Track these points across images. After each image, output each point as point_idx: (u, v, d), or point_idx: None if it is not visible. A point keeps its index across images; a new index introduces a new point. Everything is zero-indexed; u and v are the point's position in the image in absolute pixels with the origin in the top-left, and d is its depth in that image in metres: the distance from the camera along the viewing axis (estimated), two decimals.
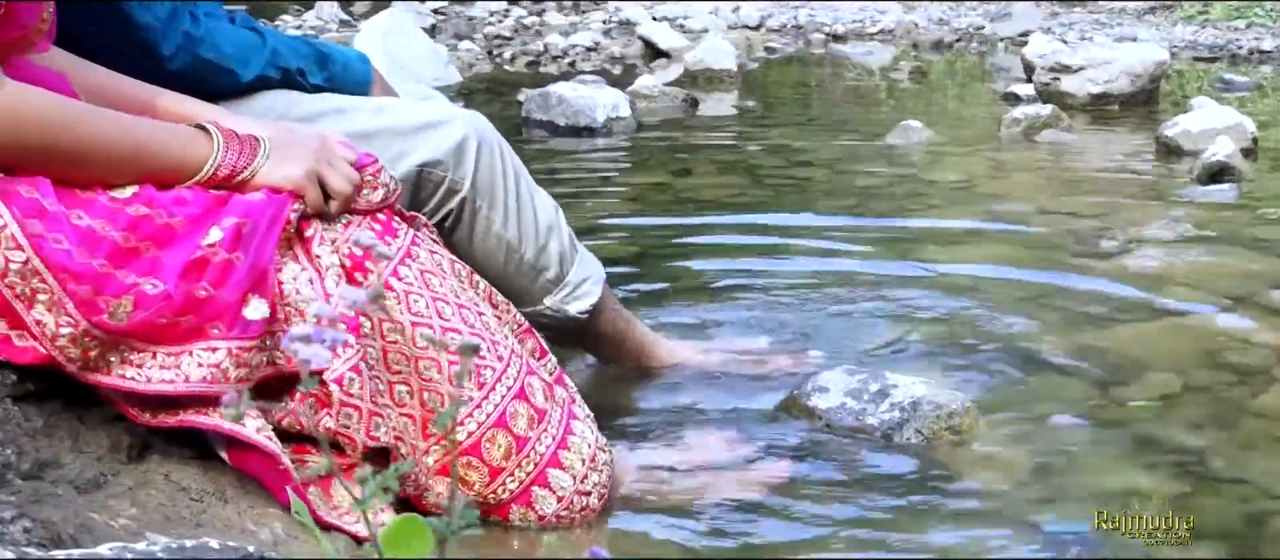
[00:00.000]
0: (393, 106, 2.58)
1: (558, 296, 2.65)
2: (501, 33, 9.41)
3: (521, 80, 7.47)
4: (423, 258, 2.06)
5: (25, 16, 1.85)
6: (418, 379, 1.99)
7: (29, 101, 1.79)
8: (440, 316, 2.01)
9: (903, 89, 7.07)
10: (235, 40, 2.48)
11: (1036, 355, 2.93)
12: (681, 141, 5.60)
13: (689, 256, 3.87)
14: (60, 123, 1.82)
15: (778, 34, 9.22)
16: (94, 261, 1.77)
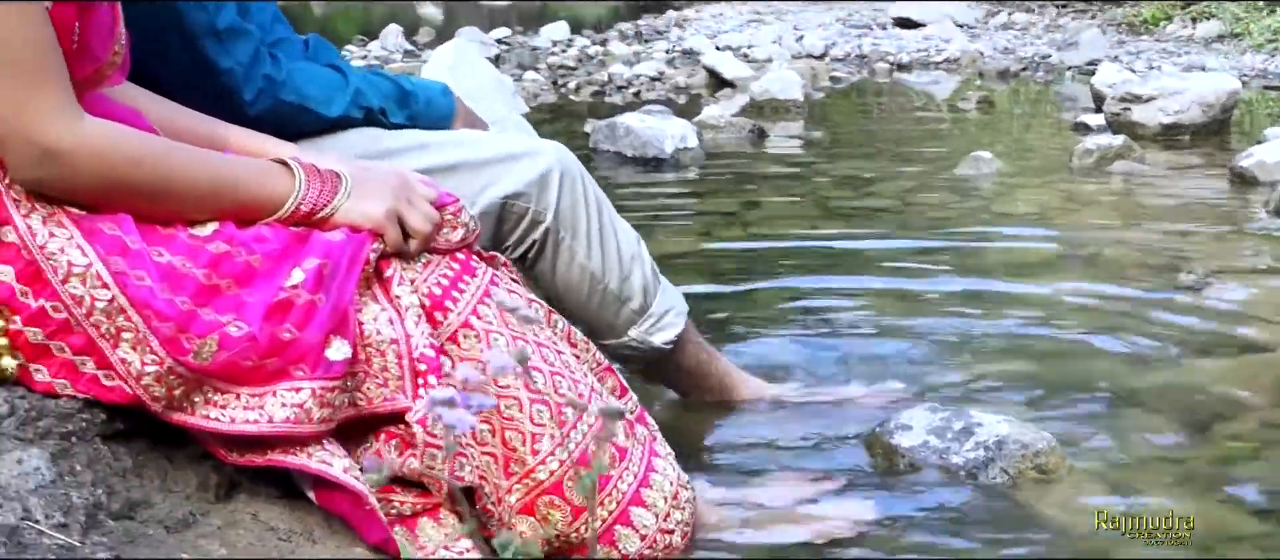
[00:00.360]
0: (474, 139, 2.58)
1: (642, 327, 2.64)
2: (565, 63, 9.42)
3: (587, 110, 7.48)
4: (502, 297, 2.05)
5: (98, 50, 1.85)
6: (499, 417, 1.97)
7: (112, 138, 1.80)
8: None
9: (970, 119, 7.02)
10: (317, 80, 2.48)
11: (1120, 391, 2.89)
12: (750, 172, 5.58)
13: (762, 289, 3.85)
14: (142, 159, 1.82)
15: (842, 63, 9.19)
16: (177, 299, 1.77)
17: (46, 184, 1.76)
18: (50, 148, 1.73)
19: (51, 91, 1.73)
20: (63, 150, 1.74)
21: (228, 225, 1.87)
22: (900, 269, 4.02)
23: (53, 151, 1.73)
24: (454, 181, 2.44)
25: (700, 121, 6.32)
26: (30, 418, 1.77)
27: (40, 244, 1.75)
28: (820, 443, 2.65)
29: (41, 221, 1.76)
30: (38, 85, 1.71)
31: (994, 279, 3.85)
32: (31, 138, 1.72)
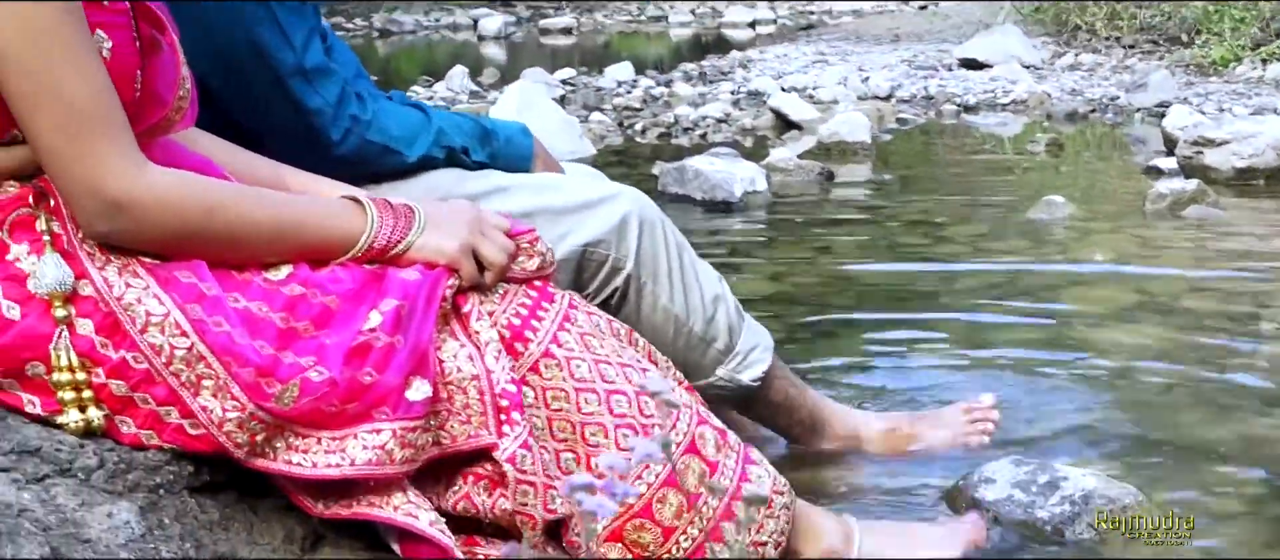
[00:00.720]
0: (554, 184, 2.59)
1: (729, 366, 2.63)
2: (631, 104, 9.43)
3: (654, 152, 7.47)
4: (581, 320, 2.04)
5: (164, 94, 1.86)
6: (584, 446, 1.97)
7: (179, 186, 1.80)
8: (603, 378, 1.99)
9: (1039, 161, 6.98)
10: (401, 120, 2.50)
11: (1206, 446, 2.84)
12: (820, 216, 5.55)
13: (837, 336, 3.83)
14: (212, 205, 1.83)
15: (908, 104, 9.15)
16: (256, 344, 1.78)
17: (116, 236, 1.78)
18: (116, 200, 1.74)
19: (114, 143, 1.74)
20: (129, 202, 1.74)
21: (302, 267, 1.88)
22: (976, 316, 3.99)
23: (119, 204, 1.74)
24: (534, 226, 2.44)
25: (768, 164, 6.30)
26: (119, 470, 1.78)
27: (117, 295, 1.76)
28: (901, 494, 2.63)
29: (117, 273, 1.78)
30: (100, 138, 1.72)
31: (1072, 326, 3.81)
32: (97, 191, 1.73)
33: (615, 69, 11.09)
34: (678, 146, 7.71)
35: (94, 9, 1.75)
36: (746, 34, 17.67)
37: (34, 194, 1.78)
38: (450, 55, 15.75)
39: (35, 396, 1.77)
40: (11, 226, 1.77)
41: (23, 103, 1.70)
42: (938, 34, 13.11)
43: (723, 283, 2.65)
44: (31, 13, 1.66)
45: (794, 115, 8.16)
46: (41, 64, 1.68)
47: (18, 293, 1.75)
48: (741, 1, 21.87)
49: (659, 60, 14.23)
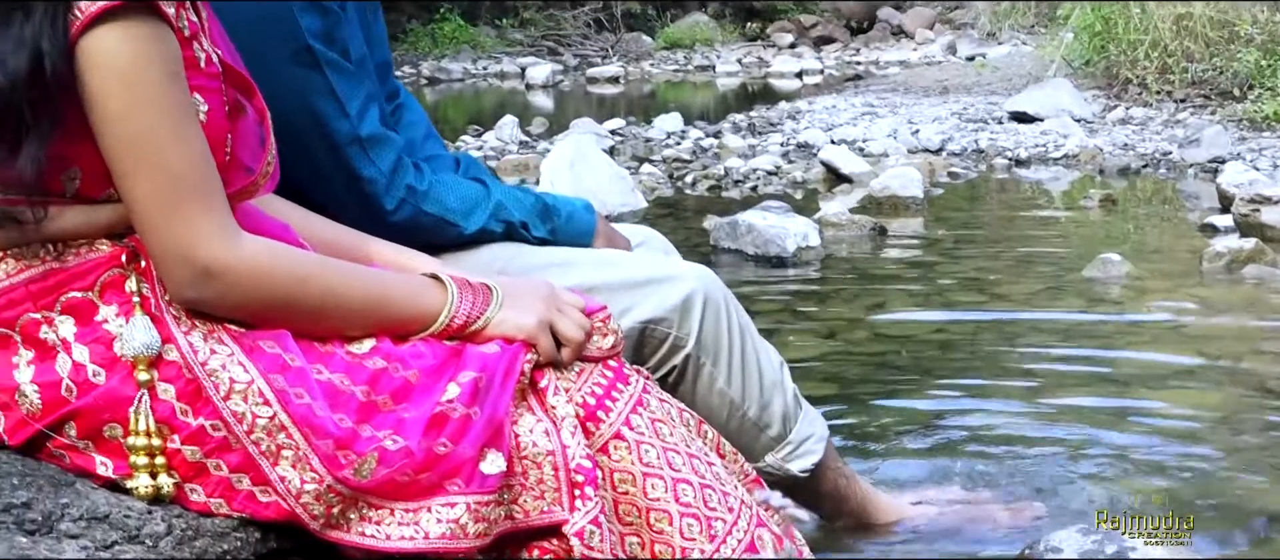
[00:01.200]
0: (617, 260, 2.57)
1: (780, 454, 2.60)
2: (680, 155, 9.44)
3: (705, 205, 7.48)
4: (654, 406, 2.03)
5: (250, 161, 1.87)
6: (649, 531, 1.95)
7: (271, 256, 1.81)
8: (671, 466, 1.97)
9: (1093, 217, 6.93)
10: (459, 192, 2.48)
11: (1272, 515, 2.80)
12: (873, 272, 5.54)
13: (893, 396, 3.81)
14: (303, 277, 1.83)
15: (959, 158, 9.11)
16: (336, 416, 1.78)
17: (205, 303, 1.78)
18: (208, 268, 1.74)
19: (210, 210, 1.75)
20: (221, 270, 1.75)
21: (385, 341, 1.88)
22: (1033, 378, 3.96)
23: (212, 271, 1.75)
24: None
25: (820, 218, 6.29)
26: (186, 537, 1.77)
27: (201, 361, 1.76)
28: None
29: (202, 338, 1.78)
30: (196, 205, 1.73)
31: (1132, 390, 3.78)
32: (190, 258, 1.74)
33: (664, 119, 11.11)
34: (728, 199, 7.72)
35: (193, 72, 1.76)
36: (793, 84, 17.68)
37: (127, 254, 1.78)
38: (498, 103, 15.83)
39: (109, 459, 1.77)
40: (103, 287, 1.77)
41: (122, 166, 1.71)
42: (987, 86, 13.06)
43: (784, 369, 2.62)
44: (138, 77, 1.68)
45: (845, 168, 8.15)
46: (145, 129, 1.70)
47: (103, 356, 1.75)
48: (788, 52, 21.92)
49: (706, 110, 14.25)
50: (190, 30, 1.78)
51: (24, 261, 1.77)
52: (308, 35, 2.30)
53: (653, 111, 13.30)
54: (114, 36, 1.67)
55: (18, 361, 1.76)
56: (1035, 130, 9.80)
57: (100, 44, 1.67)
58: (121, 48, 1.67)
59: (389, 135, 2.42)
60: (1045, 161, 8.91)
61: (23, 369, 1.76)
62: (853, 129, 10.34)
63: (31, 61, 1.64)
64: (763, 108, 12.87)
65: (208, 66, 1.80)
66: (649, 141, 10.43)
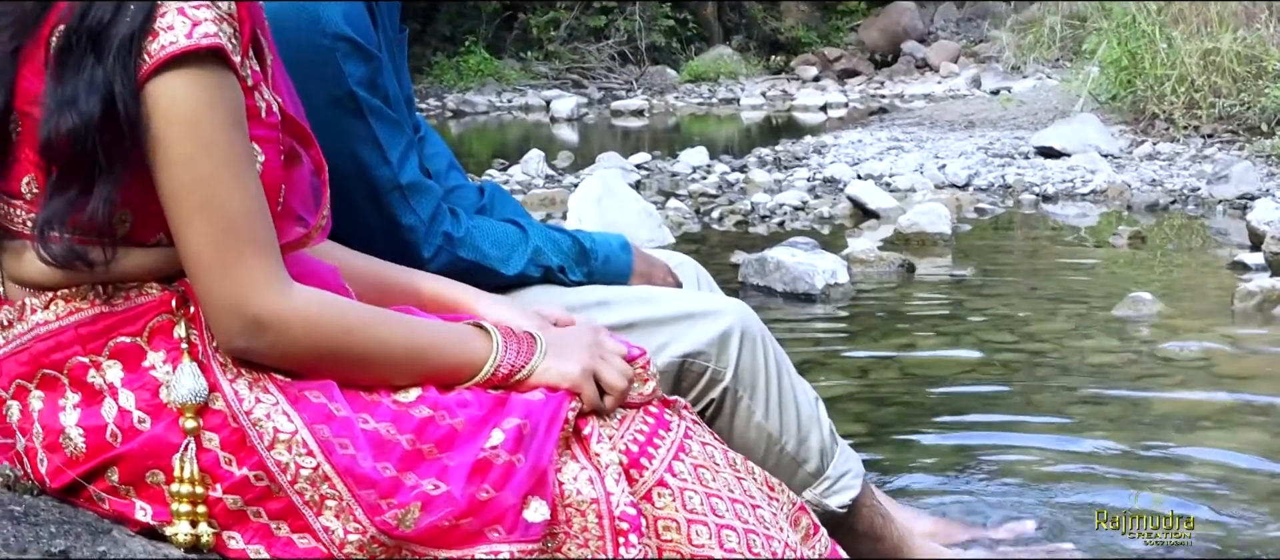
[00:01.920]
0: (654, 296, 2.57)
1: (817, 490, 2.60)
2: (706, 190, 9.44)
3: (732, 240, 7.48)
4: (696, 451, 2.02)
5: (304, 214, 1.88)
6: None
7: (322, 308, 1.82)
8: (714, 512, 1.96)
9: (1122, 255, 6.91)
10: (495, 237, 2.49)
11: None
12: (902, 310, 5.53)
13: (924, 436, 3.80)
14: (352, 327, 1.84)
15: (985, 193, 9.09)
16: (379, 466, 1.78)
17: (254, 353, 1.78)
18: (258, 318, 1.75)
19: (264, 260, 1.75)
20: (272, 320, 1.75)
21: (430, 390, 1.88)
22: (1065, 417, 3.95)
23: (263, 322, 1.75)
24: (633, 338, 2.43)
25: (848, 255, 6.29)
26: None
27: (247, 409, 1.76)
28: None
29: (248, 387, 1.78)
30: (251, 253, 1.74)
31: (1163, 431, 3.77)
32: (242, 308, 1.74)
33: (690, 154, 11.12)
34: (755, 235, 7.72)
35: (254, 123, 1.77)
36: (817, 118, 17.68)
37: (176, 300, 1.79)
38: (523, 136, 15.87)
39: (149, 505, 1.77)
40: (151, 333, 1.78)
41: (181, 211, 1.71)
42: (1012, 121, 13.04)
43: (820, 404, 2.63)
44: (203, 124, 1.69)
45: (872, 204, 8.14)
46: (206, 175, 1.70)
47: (149, 402, 1.75)
48: (812, 85, 21.93)
49: (731, 143, 14.26)
50: (253, 79, 1.80)
51: (73, 304, 1.78)
52: (351, 81, 2.31)
53: (677, 145, 13.31)
54: (181, 82, 1.68)
55: (63, 404, 1.77)
56: (1062, 165, 9.78)
57: (167, 89, 1.68)
58: (188, 94, 1.68)
59: (429, 184, 2.43)
60: (1073, 197, 8.89)
61: (68, 412, 1.77)
62: (879, 164, 10.33)
63: (104, 103, 1.65)
64: (788, 141, 12.87)
65: (268, 116, 1.82)
66: (675, 176, 10.44)
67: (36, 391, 1.79)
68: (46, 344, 1.78)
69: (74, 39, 1.66)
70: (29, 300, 1.79)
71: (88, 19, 1.67)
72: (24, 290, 1.81)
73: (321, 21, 2.29)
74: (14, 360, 1.80)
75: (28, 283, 1.80)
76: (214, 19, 1.70)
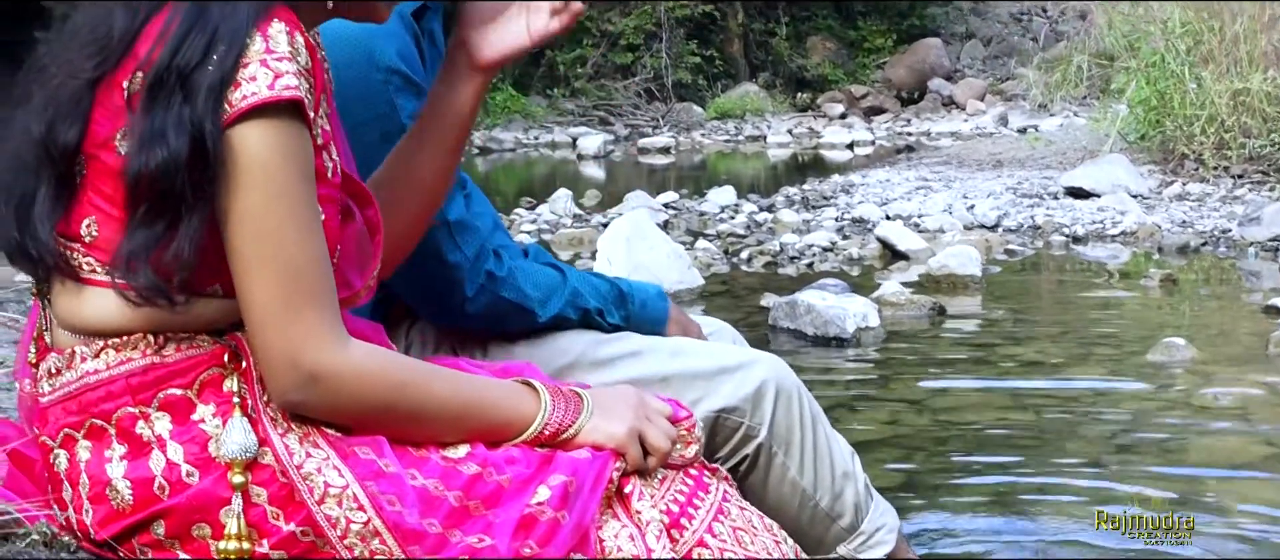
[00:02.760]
0: (690, 349, 2.57)
1: (851, 545, 2.58)
2: (735, 230, 9.45)
3: (761, 282, 7.47)
4: (734, 514, 2.02)
5: (352, 277, 1.89)
6: None
7: (376, 362, 1.82)
8: None
9: (1154, 298, 6.87)
10: (536, 279, 2.49)
11: None
12: (933, 355, 5.51)
13: (959, 486, 3.79)
14: (405, 383, 1.84)
15: (1015, 234, 9.07)
16: (427, 522, 1.78)
17: (307, 407, 1.78)
18: (314, 371, 1.75)
19: (322, 314, 1.75)
20: (327, 374, 1.75)
21: (479, 446, 1.88)
22: (1100, 466, 3.93)
23: (317, 376, 1.75)
24: (668, 392, 2.42)
25: (879, 297, 6.28)
26: None
27: (297, 464, 1.76)
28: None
29: (298, 441, 1.78)
30: (312, 307, 1.74)
31: (1201, 482, 3.74)
32: (298, 360, 1.74)
33: (718, 193, 11.13)
34: (784, 276, 7.71)
35: (320, 182, 1.78)
36: (845, 155, 17.70)
37: (227, 353, 1.79)
38: (549, 173, 15.91)
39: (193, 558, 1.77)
40: (201, 386, 1.77)
41: (246, 260, 1.71)
42: (1041, 160, 13.02)
43: (855, 459, 2.61)
44: (278, 174, 1.69)
45: (901, 245, 8.13)
46: (276, 225, 1.70)
47: (198, 456, 1.75)
48: (839, 122, 21.95)
49: (757, 181, 14.28)
50: (323, 139, 1.80)
51: (124, 354, 1.77)
52: (403, 115, 2.31)
53: (704, 182, 13.33)
54: (259, 133, 1.68)
55: (110, 456, 1.77)
56: (1092, 206, 9.76)
57: (245, 138, 1.68)
58: (265, 144, 1.68)
59: (475, 222, 2.43)
60: (1103, 238, 8.87)
61: (115, 463, 1.77)
62: (907, 204, 10.32)
63: (192, 142, 1.65)
64: (815, 180, 12.88)
65: (333, 177, 1.82)
66: (703, 215, 10.45)
67: (84, 441, 1.79)
68: (96, 393, 1.78)
69: (164, 75, 1.66)
70: (78, 348, 1.80)
71: (178, 57, 1.67)
72: (74, 338, 1.81)
73: (376, 56, 2.30)
74: (62, 408, 1.81)
75: (80, 328, 1.80)
76: (295, 72, 1.71)
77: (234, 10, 1.70)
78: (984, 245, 8.33)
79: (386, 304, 2.49)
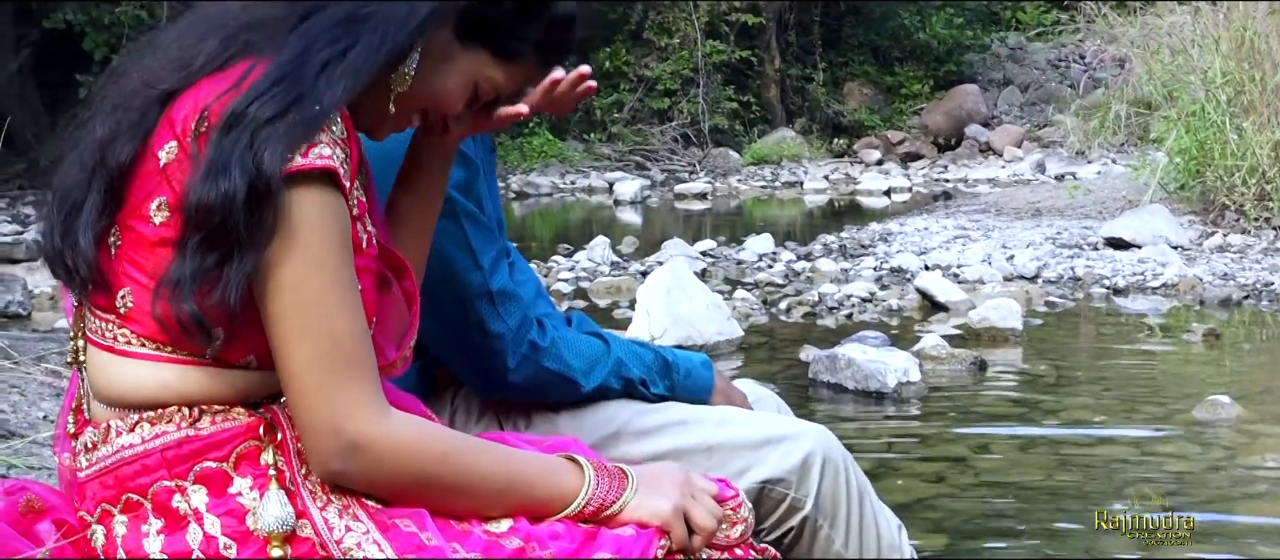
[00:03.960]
0: (735, 419, 2.54)
1: None
2: (773, 279, 9.41)
3: (800, 333, 7.43)
4: None
5: (387, 348, 1.88)
6: None
7: (419, 433, 1.81)
8: None
9: (1197, 353, 6.81)
10: (579, 349, 2.47)
11: None
12: (975, 411, 5.46)
13: (1001, 544, 3.74)
14: (447, 454, 1.83)
15: (1055, 285, 9.01)
16: None
17: (348, 478, 1.77)
18: (356, 441, 1.74)
19: (363, 384, 1.74)
20: (369, 444, 1.74)
21: (522, 521, 1.87)
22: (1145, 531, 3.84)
23: (359, 446, 1.74)
24: (712, 462, 2.41)
25: (920, 351, 6.23)
26: None
27: (336, 538, 1.75)
28: None
29: (337, 514, 1.77)
30: (354, 377, 1.73)
31: (1251, 547, 3.68)
32: (340, 430, 1.73)
33: (755, 241, 11.11)
34: (824, 327, 7.67)
35: (356, 252, 1.77)
36: (881, 202, 17.66)
37: (263, 426, 1.78)
38: (586, 218, 15.92)
39: None
40: (238, 459, 1.76)
41: (286, 332, 1.71)
42: (1080, 210, 12.95)
43: (902, 532, 2.58)
44: (313, 243, 1.69)
45: (941, 296, 8.09)
46: (314, 296, 1.70)
47: (236, 529, 1.74)
48: (875, 168, 21.91)
49: (794, 227, 14.25)
50: (358, 209, 1.80)
51: (159, 427, 1.77)
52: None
53: (740, 228, 13.31)
54: (293, 200, 1.68)
55: (147, 531, 1.76)
56: (1132, 257, 9.70)
57: (290, 198, 1.68)
58: (300, 212, 1.68)
59: (518, 292, 2.41)
60: (1143, 290, 8.80)
61: (152, 538, 1.76)
62: (946, 253, 10.28)
63: (252, 184, 1.65)
64: (853, 228, 12.85)
65: (368, 247, 1.82)
66: (741, 263, 10.42)
67: (120, 516, 1.78)
68: (132, 467, 1.77)
69: (241, 116, 1.67)
70: (114, 422, 1.79)
71: (256, 104, 1.68)
72: (110, 411, 1.80)
73: None
74: (98, 483, 1.80)
75: (116, 400, 1.79)
76: (329, 141, 1.71)
77: (329, 88, 1.71)
78: (1024, 297, 8.28)
79: (430, 372, 2.48)
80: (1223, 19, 11.99)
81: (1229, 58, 11.61)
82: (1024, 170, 19.74)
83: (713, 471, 2.35)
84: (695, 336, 6.63)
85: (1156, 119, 13.40)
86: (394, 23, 1.78)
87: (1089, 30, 17.65)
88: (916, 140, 23.99)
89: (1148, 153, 13.61)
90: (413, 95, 1.89)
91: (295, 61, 1.71)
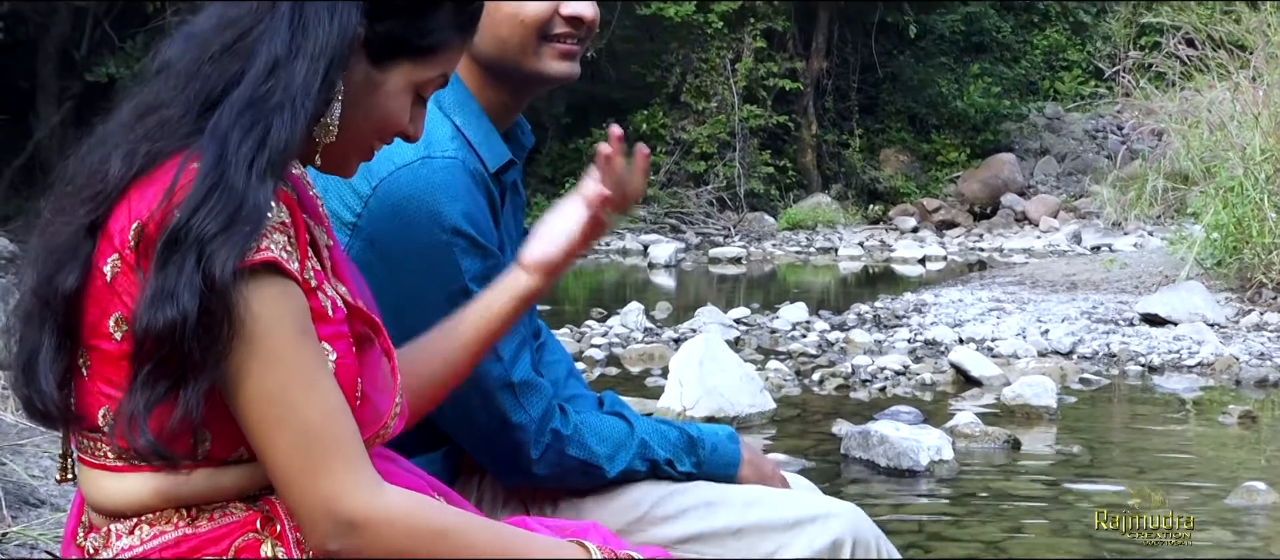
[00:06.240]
0: (764, 498, 2.53)
1: None
2: (806, 350, 9.39)
3: (832, 406, 7.41)
4: None
5: (381, 405, 1.86)
6: None
7: (415, 508, 1.80)
8: None
9: (1232, 436, 6.76)
10: (602, 433, 2.47)
11: None
12: (1007, 490, 5.43)
13: None
14: (442, 530, 1.81)
15: (1089, 362, 8.96)
16: None
17: (345, 555, 1.76)
18: (351, 520, 1.73)
19: (351, 463, 1.73)
20: (364, 522, 1.73)
21: None
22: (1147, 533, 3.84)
23: (354, 523, 1.73)
24: (741, 545, 2.40)
25: (953, 429, 6.21)
26: None
27: None
28: None
29: None
30: (335, 458, 1.72)
31: None
32: (332, 510, 1.72)
33: (789, 310, 11.09)
34: (857, 401, 7.64)
35: (321, 323, 1.76)
36: (916, 270, 17.64)
37: (261, 519, 1.78)
38: (619, 281, 15.93)
39: None
40: (237, 552, 1.76)
41: (258, 426, 1.70)
42: (1116, 284, 12.90)
43: None
44: (269, 340, 1.67)
45: (975, 371, 8.06)
46: (277, 388, 1.69)
47: None
48: (910, 235, 21.89)
49: (827, 293, 14.23)
50: (316, 279, 1.79)
51: (158, 527, 1.77)
52: (466, 277, 2.31)
53: (774, 294, 13.30)
54: (243, 299, 1.66)
55: None
56: (1168, 335, 9.64)
57: (238, 301, 1.66)
58: (252, 308, 1.66)
59: (540, 382, 2.42)
60: (1179, 369, 8.74)
61: None
62: (980, 326, 10.24)
63: (201, 300, 1.62)
64: (887, 297, 12.82)
65: (335, 313, 1.80)
66: (774, 332, 10.41)
67: None
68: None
69: (181, 234, 1.64)
70: (113, 526, 1.79)
71: (196, 219, 1.64)
72: (108, 518, 1.80)
73: (441, 217, 2.30)
74: None
75: (112, 511, 1.80)
76: (267, 230, 1.69)
77: (261, 184, 1.68)
78: (1058, 373, 8.24)
79: (455, 456, 2.48)
80: (1263, 96, 11.98)
81: (1269, 134, 11.58)
82: (1060, 241, 19.70)
83: (741, 554, 2.35)
84: (727, 408, 6.63)
85: (1194, 193, 13.36)
86: (298, 92, 1.73)
87: (1127, 102, 17.64)
88: (952, 208, 23.99)
89: (1184, 226, 13.55)
90: (355, 133, 1.85)
91: (219, 166, 1.67)
